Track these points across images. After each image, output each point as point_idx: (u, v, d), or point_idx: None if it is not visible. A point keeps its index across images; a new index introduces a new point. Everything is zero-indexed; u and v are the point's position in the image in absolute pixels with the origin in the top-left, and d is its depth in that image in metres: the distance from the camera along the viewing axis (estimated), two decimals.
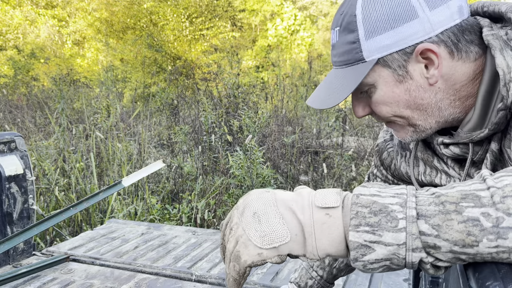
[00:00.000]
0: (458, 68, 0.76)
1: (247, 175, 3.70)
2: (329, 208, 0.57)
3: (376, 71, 0.77)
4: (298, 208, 0.58)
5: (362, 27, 0.75)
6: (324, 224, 0.57)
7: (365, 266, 0.55)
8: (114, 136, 5.00)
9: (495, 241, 0.49)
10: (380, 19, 0.74)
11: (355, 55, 0.77)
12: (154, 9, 11.54)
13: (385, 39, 0.74)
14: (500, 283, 0.47)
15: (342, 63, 0.81)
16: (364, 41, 0.75)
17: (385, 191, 0.56)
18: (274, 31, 13.87)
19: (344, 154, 4.81)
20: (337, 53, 0.81)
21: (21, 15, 13.87)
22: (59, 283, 1.90)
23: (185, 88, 9.54)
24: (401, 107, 0.79)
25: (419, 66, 0.75)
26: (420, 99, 0.78)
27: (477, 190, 0.52)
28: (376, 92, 0.80)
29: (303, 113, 7.10)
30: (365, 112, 0.85)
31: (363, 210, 0.55)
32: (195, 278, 1.98)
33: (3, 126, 5.80)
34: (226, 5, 13.15)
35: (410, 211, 0.53)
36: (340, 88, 0.79)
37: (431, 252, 0.53)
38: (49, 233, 3.49)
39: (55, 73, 10.90)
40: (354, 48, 0.77)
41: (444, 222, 0.51)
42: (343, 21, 0.78)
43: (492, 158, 0.77)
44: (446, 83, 0.77)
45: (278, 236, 0.57)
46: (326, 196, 0.59)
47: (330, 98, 0.80)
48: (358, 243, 0.54)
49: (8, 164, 2.16)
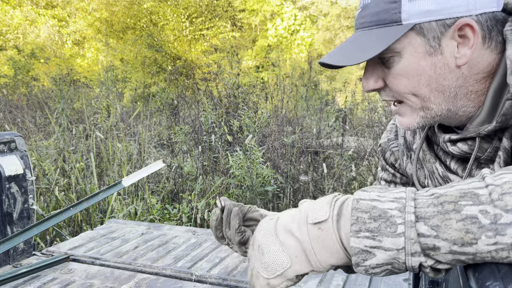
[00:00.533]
0: (485, 57, 0.74)
1: (247, 175, 3.70)
2: (320, 222, 0.59)
3: (408, 37, 0.73)
4: (296, 228, 0.61)
5: None
6: (319, 238, 0.59)
7: (367, 271, 0.56)
8: (114, 136, 5.00)
9: (494, 237, 0.49)
10: None
11: (392, 16, 0.73)
12: (154, 9, 11.54)
13: (429, 4, 0.71)
14: (500, 283, 0.47)
15: (373, 23, 0.75)
16: (407, 2, 0.72)
17: (384, 195, 0.56)
18: (274, 31, 13.87)
19: (344, 154, 4.81)
20: (369, 12, 0.76)
21: (21, 15, 13.87)
22: (59, 283, 1.90)
23: (185, 88, 9.54)
24: (421, 83, 0.75)
25: (452, 44, 0.73)
26: (442, 79, 0.75)
27: (476, 188, 0.52)
28: (400, 62, 0.75)
29: (303, 113, 7.10)
30: (377, 85, 0.79)
31: (363, 215, 0.55)
32: (195, 278, 1.98)
33: (3, 126, 5.80)
34: (226, 5, 13.15)
35: (408, 216, 0.53)
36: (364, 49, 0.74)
37: (430, 254, 0.53)
38: (49, 233, 3.49)
39: (55, 73, 10.90)
40: (393, 7, 0.73)
41: (442, 222, 0.51)
42: None
43: (505, 156, 0.74)
44: (470, 70, 0.74)
45: (279, 264, 0.61)
46: (317, 210, 0.60)
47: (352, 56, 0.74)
48: (358, 248, 0.55)
49: (8, 164, 2.16)
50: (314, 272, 0.61)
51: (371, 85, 0.79)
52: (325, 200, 0.61)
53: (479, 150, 0.78)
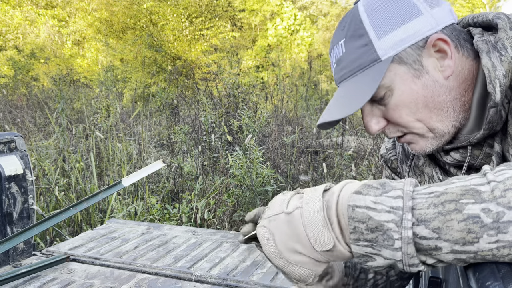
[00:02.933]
0: (464, 64, 0.78)
1: (247, 175, 3.70)
2: (329, 250, 0.61)
3: (392, 70, 0.76)
4: (302, 248, 0.63)
5: (371, 29, 0.76)
6: (332, 256, 0.63)
7: (370, 268, 0.60)
8: (114, 136, 5.00)
9: (495, 236, 0.49)
10: (388, 18, 0.76)
11: (370, 56, 0.76)
12: (154, 9, 11.54)
13: (397, 35, 0.76)
14: (500, 283, 0.47)
15: (353, 70, 0.78)
16: (377, 41, 0.76)
17: (381, 201, 0.55)
18: (274, 31, 13.87)
19: (344, 154, 4.81)
20: (346, 63, 0.79)
21: (21, 15, 13.87)
22: (59, 283, 1.90)
23: (185, 88, 9.54)
24: (420, 107, 0.78)
25: (433, 60, 0.77)
26: (437, 95, 0.77)
27: (477, 184, 0.52)
28: (393, 95, 0.78)
29: (303, 113, 7.10)
30: (380, 125, 0.81)
31: (360, 225, 0.56)
32: (195, 278, 1.98)
33: (3, 126, 5.80)
34: (226, 5, 13.15)
35: (405, 232, 0.53)
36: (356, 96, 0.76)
37: (432, 254, 0.53)
38: (49, 233, 3.49)
39: (55, 73, 10.91)
40: (367, 50, 0.76)
41: (444, 224, 0.51)
42: (348, 30, 0.78)
43: (498, 160, 0.77)
44: (457, 79, 0.78)
45: (300, 276, 0.66)
46: (318, 238, 0.61)
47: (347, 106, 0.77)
48: (359, 253, 0.58)
49: (8, 164, 2.16)
50: None
51: (374, 127, 0.82)
52: (319, 218, 0.61)
53: (471, 158, 0.81)
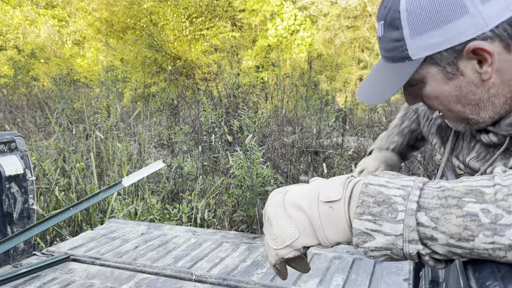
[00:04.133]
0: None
1: (247, 175, 3.70)
2: (332, 201, 0.60)
3: (424, 68, 0.75)
4: (306, 204, 0.62)
5: (407, 25, 0.72)
6: (329, 216, 0.60)
7: (366, 252, 0.58)
8: (114, 136, 5.00)
9: (491, 237, 0.49)
10: (427, 17, 0.70)
11: (401, 53, 0.75)
12: (154, 9, 11.54)
13: (432, 38, 0.71)
14: (500, 283, 0.47)
15: (389, 58, 0.79)
16: (409, 39, 0.73)
17: (393, 181, 0.57)
18: (274, 31, 13.87)
19: (344, 154, 4.81)
20: (384, 47, 0.80)
21: (21, 15, 13.87)
22: (59, 283, 1.90)
23: (185, 88, 9.54)
24: (451, 102, 0.77)
25: (471, 63, 0.72)
26: (472, 95, 0.75)
27: (483, 186, 0.52)
28: (425, 87, 0.78)
29: (303, 113, 7.10)
30: (416, 101, 0.85)
31: (368, 199, 0.56)
32: (195, 278, 1.98)
33: (3, 126, 5.80)
34: (226, 5, 13.15)
35: (410, 204, 0.54)
36: (386, 84, 0.79)
37: (428, 243, 0.54)
38: (49, 233, 3.49)
39: (55, 73, 10.91)
40: (399, 46, 0.75)
41: (443, 215, 0.52)
42: (387, 15, 0.75)
43: None
44: (501, 77, 0.73)
45: (288, 235, 0.62)
46: (329, 189, 0.61)
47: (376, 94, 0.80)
48: (360, 230, 0.56)
49: (8, 164, 2.16)
50: (320, 246, 0.64)
51: (411, 103, 0.85)
52: (338, 180, 0.62)
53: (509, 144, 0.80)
